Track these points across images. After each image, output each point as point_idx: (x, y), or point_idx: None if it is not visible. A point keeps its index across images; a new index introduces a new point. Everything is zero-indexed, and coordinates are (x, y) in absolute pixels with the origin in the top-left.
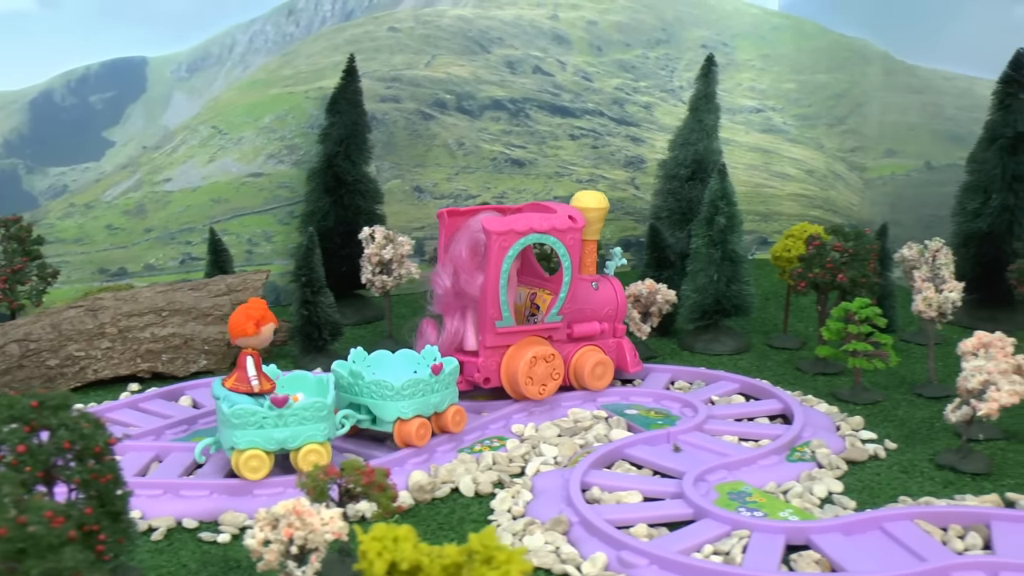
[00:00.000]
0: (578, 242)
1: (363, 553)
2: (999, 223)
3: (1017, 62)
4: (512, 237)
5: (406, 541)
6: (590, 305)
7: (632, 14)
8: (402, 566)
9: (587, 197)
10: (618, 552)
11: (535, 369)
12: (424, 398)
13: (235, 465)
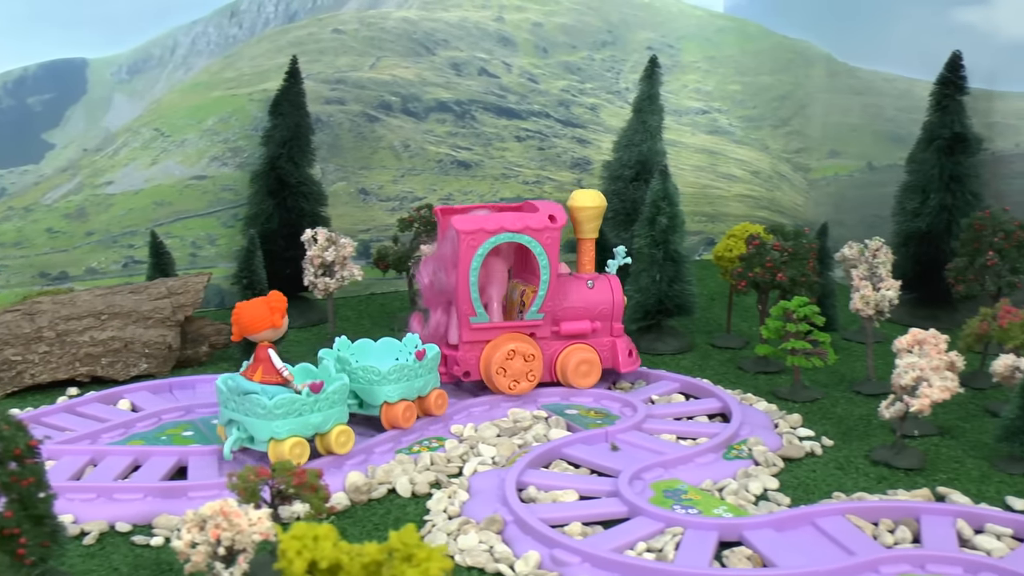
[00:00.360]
0: (556, 241)
1: (282, 552)
2: (937, 223)
3: (953, 64)
4: (482, 236)
5: (326, 540)
6: (583, 303)
7: (578, 16)
8: (322, 565)
9: (583, 196)
10: (551, 550)
11: (511, 363)
12: (409, 383)
13: (278, 456)
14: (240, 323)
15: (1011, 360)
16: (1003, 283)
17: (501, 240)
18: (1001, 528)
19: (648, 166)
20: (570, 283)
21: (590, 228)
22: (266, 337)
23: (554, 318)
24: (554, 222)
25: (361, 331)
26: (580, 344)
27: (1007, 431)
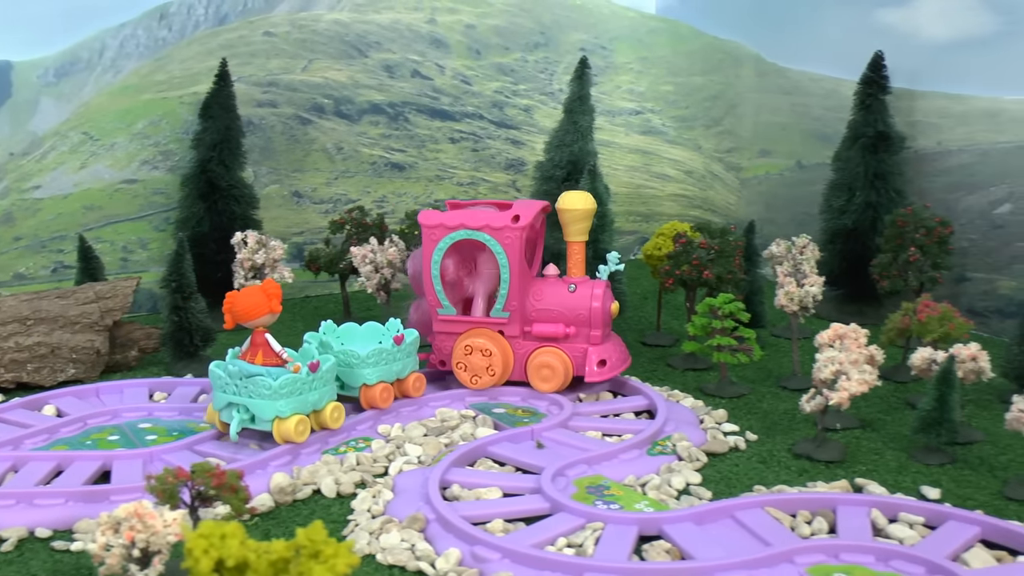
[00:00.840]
0: (516, 241)
1: (189, 551)
2: (863, 220)
3: (875, 64)
4: (441, 231)
5: (233, 538)
6: (560, 307)
7: (510, 18)
8: (229, 563)
9: (570, 197)
10: (472, 547)
11: (469, 358)
12: (387, 366)
13: (284, 432)
14: (235, 311)
15: (928, 353)
16: (925, 278)
17: (460, 237)
18: (913, 517)
19: (579, 166)
20: (552, 285)
21: (577, 230)
22: (263, 323)
23: (527, 318)
24: (516, 222)
25: (295, 333)
26: (551, 348)
27: (923, 423)
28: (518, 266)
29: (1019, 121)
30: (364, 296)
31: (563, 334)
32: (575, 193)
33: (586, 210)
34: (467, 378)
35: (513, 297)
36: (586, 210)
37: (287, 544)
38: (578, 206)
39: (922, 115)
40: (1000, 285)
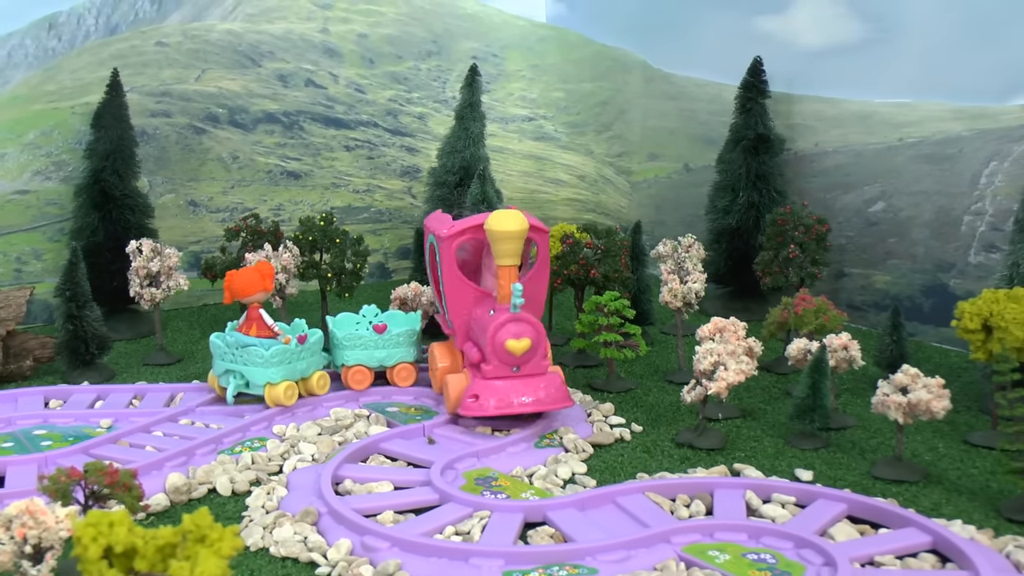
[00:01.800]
0: (450, 250)
1: (78, 539)
2: (746, 219)
3: (755, 69)
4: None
5: (120, 525)
6: (479, 328)
7: (402, 27)
8: (117, 549)
9: (497, 218)
10: (362, 538)
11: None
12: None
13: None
14: (232, 288)
15: (803, 344)
16: (805, 274)
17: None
18: (785, 497)
19: (471, 171)
20: (485, 306)
21: (505, 251)
22: (257, 299)
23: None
24: (449, 230)
25: (191, 342)
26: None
27: (798, 409)
28: (450, 278)
29: (889, 123)
30: None
31: (477, 359)
32: (505, 213)
33: (516, 231)
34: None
35: (451, 310)
36: (516, 231)
37: (174, 530)
38: (504, 227)
39: (800, 118)
40: (876, 280)
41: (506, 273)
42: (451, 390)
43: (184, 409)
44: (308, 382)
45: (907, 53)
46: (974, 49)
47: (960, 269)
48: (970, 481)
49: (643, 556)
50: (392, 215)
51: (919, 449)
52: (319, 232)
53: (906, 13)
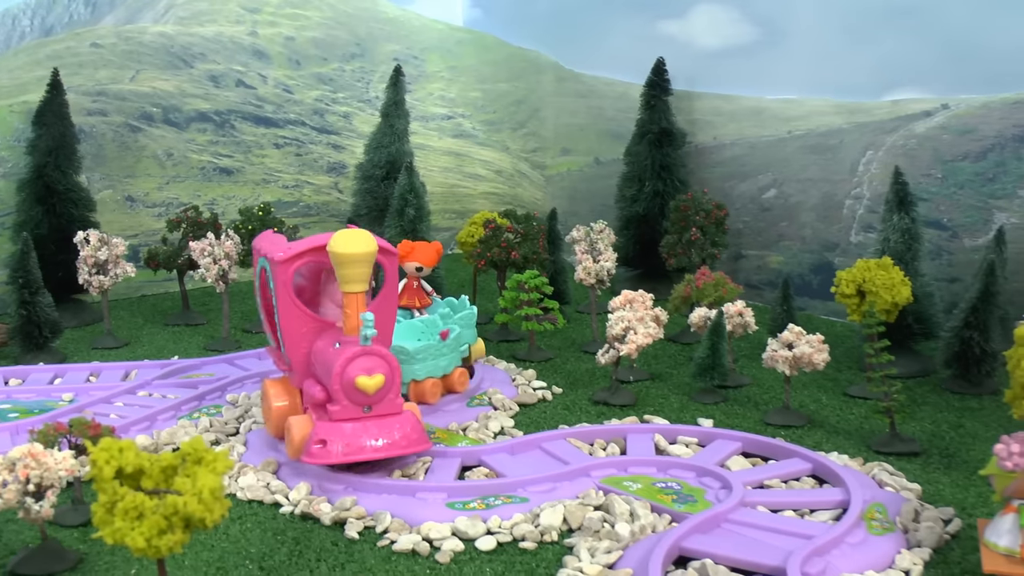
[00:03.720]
0: (285, 276)
1: (93, 461)
2: (652, 207)
3: (658, 69)
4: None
5: (129, 451)
6: (321, 364)
7: (327, 30)
8: (127, 470)
9: (341, 240)
10: (320, 482)
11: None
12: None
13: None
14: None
15: (704, 312)
16: (706, 255)
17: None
18: (689, 438)
19: (396, 166)
20: (329, 338)
21: (353, 277)
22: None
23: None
24: (283, 254)
25: (135, 328)
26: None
27: (699, 368)
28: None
29: (779, 118)
30: (200, 292)
31: (322, 399)
32: (350, 233)
33: (364, 254)
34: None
35: (287, 343)
36: (364, 254)
37: (174, 454)
38: (351, 249)
39: (700, 114)
40: (770, 260)
41: (353, 301)
42: (294, 434)
43: (141, 383)
44: (449, 379)
45: (794, 54)
46: (852, 50)
47: (843, 248)
48: (847, 424)
49: (567, 487)
50: (320, 209)
51: (805, 401)
52: (258, 221)
53: (792, 18)
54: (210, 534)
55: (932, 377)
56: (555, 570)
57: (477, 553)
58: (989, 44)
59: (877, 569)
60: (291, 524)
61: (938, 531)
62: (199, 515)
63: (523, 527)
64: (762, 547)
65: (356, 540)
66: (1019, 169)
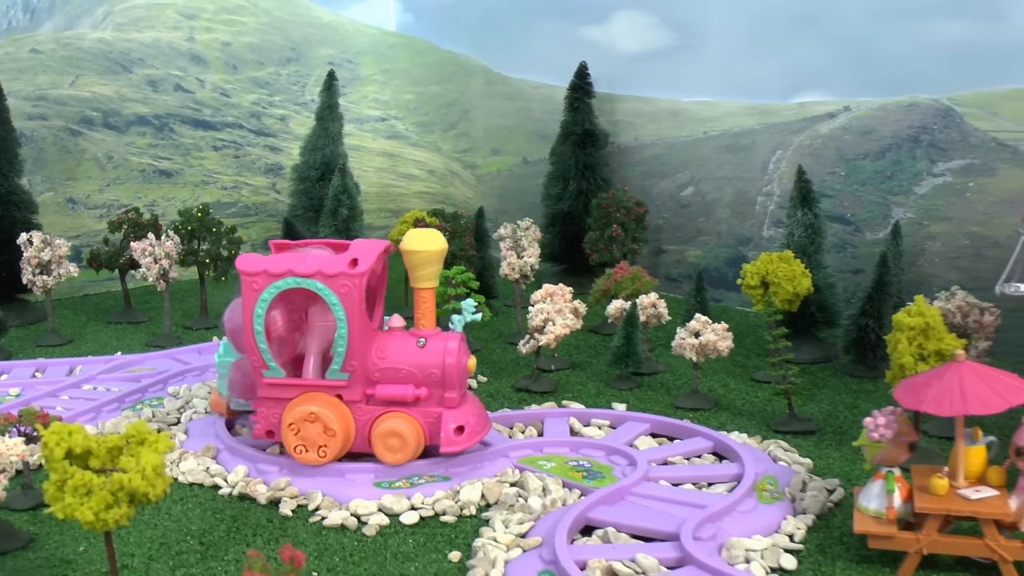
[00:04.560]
0: (355, 289)
1: (45, 443)
2: (576, 205)
3: (581, 72)
4: (264, 279)
5: (78, 433)
6: (408, 365)
7: (263, 35)
8: (76, 451)
9: (414, 238)
10: (256, 464)
11: (308, 425)
12: None
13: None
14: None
15: (620, 304)
16: (626, 250)
17: (288, 286)
18: (601, 421)
19: (331, 167)
20: (398, 340)
21: (425, 275)
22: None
23: (369, 379)
24: (354, 267)
25: (78, 326)
26: (398, 413)
27: (615, 356)
28: (358, 319)
29: (695, 119)
30: (141, 291)
31: (412, 397)
32: (419, 232)
33: (428, 252)
34: (314, 458)
35: (353, 355)
36: (428, 252)
37: (120, 436)
38: (426, 247)
39: (621, 115)
40: (688, 254)
41: (427, 296)
42: (408, 437)
43: (86, 378)
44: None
45: (708, 58)
46: (761, 55)
47: (756, 243)
48: (751, 407)
49: (487, 467)
50: (258, 209)
51: (714, 386)
52: (197, 222)
53: (706, 23)
54: (153, 514)
55: (834, 363)
56: (472, 540)
57: (401, 527)
58: (885, 50)
59: (764, 534)
60: (229, 504)
61: (822, 499)
62: (143, 490)
63: (444, 503)
64: (661, 516)
65: (289, 517)
66: (914, 168)
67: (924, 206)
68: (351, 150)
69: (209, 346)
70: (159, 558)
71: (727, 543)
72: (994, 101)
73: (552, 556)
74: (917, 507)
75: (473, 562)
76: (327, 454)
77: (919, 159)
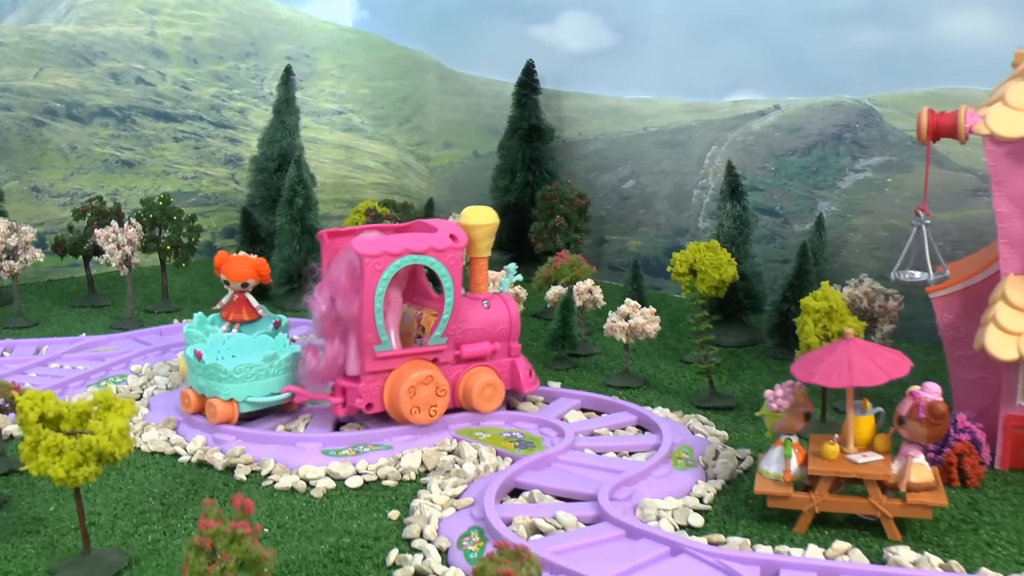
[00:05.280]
0: (459, 261)
1: (20, 408)
2: (523, 196)
3: (528, 70)
4: (386, 259)
5: (51, 399)
6: (481, 324)
7: (223, 30)
8: (49, 415)
9: (473, 213)
10: (213, 434)
11: (418, 397)
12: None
13: None
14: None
15: (559, 289)
16: (569, 240)
17: (406, 263)
18: (536, 397)
19: (288, 158)
20: (467, 304)
21: (484, 247)
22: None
23: (455, 341)
24: (456, 241)
25: (44, 309)
26: (481, 367)
27: (552, 338)
28: (458, 288)
29: (636, 115)
30: (104, 276)
31: (490, 351)
32: (477, 209)
33: (487, 226)
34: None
35: (454, 321)
36: (487, 226)
37: (88, 402)
38: (479, 222)
39: (566, 111)
40: (630, 244)
41: (483, 264)
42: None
43: (52, 357)
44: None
45: (649, 58)
46: (699, 56)
47: (692, 233)
48: (678, 385)
49: (427, 438)
50: (218, 199)
51: (645, 366)
52: (158, 211)
53: (647, 25)
54: (118, 479)
55: (759, 346)
56: (411, 501)
57: (346, 490)
58: (812, 53)
59: (676, 496)
60: (188, 470)
61: (732, 466)
62: (109, 450)
63: (386, 469)
64: (582, 480)
65: (244, 481)
66: (837, 163)
67: (847, 200)
68: (309, 142)
69: (171, 328)
70: (124, 516)
71: (641, 503)
72: (910, 102)
73: (481, 514)
74: (810, 470)
75: (410, 519)
76: (436, 413)
77: (842, 156)
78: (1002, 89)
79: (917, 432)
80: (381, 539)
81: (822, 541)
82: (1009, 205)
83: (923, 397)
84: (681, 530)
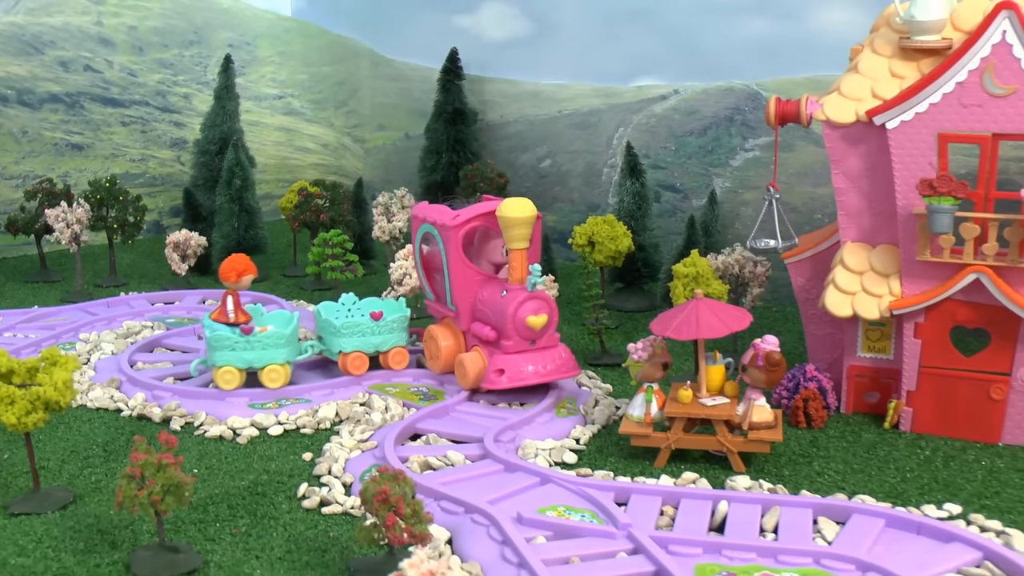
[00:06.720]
0: (456, 239)
1: None
2: (448, 176)
3: (452, 57)
4: (416, 222)
5: (3, 356)
6: (491, 309)
7: (167, 20)
8: (2, 370)
9: (508, 206)
10: (152, 392)
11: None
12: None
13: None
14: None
15: None
16: None
17: (425, 230)
18: None
19: (228, 142)
20: (494, 288)
21: (517, 236)
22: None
23: (475, 317)
24: (454, 219)
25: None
26: (476, 349)
27: None
28: (457, 263)
29: (551, 99)
30: (56, 254)
31: (492, 337)
32: (514, 201)
33: (521, 219)
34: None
35: (457, 296)
36: (521, 219)
37: (36, 358)
38: (517, 214)
39: (489, 96)
40: (547, 219)
41: (519, 256)
42: (468, 368)
43: (6, 327)
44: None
45: (562, 46)
46: (606, 44)
47: (603, 209)
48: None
49: (342, 392)
50: (164, 180)
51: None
52: (105, 192)
53: (560, 15)
54: (66, 431)
55: (657, 310)
56: (324, 445)
57: (268, 437)
58: (706, 41)
59: (556, 439)
60: (129, 423)
61: (607, 413)
62: (55, 399)
63: (305, 419)
64: (474, 426)
65: (178, 431)
66: (730, 143)
67: (738, 177)
68: (252, 125)
69: (116, 300)
70: (70, 461)
71: (522, 444)
72: (792, 87)
73: (382, 454)
74: (667, 412)
75: (320, 459)
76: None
77: (734, 136)
78: (839, 80)
79: (757, 378)
80: (294, 476)
81: (677, 474)
82: (845, 181)
83: (762, 348)
84: (556, 466)
